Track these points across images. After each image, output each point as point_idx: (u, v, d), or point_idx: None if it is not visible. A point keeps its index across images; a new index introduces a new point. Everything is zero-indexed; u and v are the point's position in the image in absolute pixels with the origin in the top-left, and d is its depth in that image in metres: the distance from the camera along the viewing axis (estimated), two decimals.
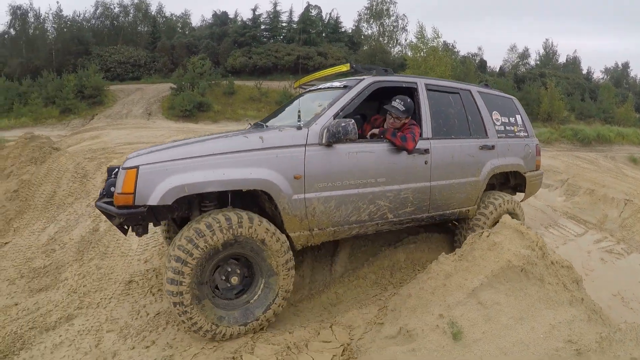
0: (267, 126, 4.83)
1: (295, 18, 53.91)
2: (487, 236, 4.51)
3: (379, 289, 5.42)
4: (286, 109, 5.81)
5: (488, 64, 58.24)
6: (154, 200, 3.69)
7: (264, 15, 52.83)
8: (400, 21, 54.03)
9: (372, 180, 4.63)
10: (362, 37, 54.74)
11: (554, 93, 38.76)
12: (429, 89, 5.45)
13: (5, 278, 6.02)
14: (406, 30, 57.59)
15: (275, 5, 52.68)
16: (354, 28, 56.53)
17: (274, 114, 5.89)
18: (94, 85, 34.81)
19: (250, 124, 5.64)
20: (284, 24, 54.09)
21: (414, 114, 5.21)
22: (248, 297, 4.23)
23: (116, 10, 54.37)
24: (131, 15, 55.32)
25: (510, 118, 6.59)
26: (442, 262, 4.55)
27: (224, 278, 4.14)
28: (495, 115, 6.25)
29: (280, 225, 4.31)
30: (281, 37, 52.58)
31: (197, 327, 3.91)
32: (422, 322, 3.90)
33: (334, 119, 4.42)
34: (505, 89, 27.42)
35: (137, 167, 3.74)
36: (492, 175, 6.01)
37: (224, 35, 49.32)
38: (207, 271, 3.97)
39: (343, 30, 56.22)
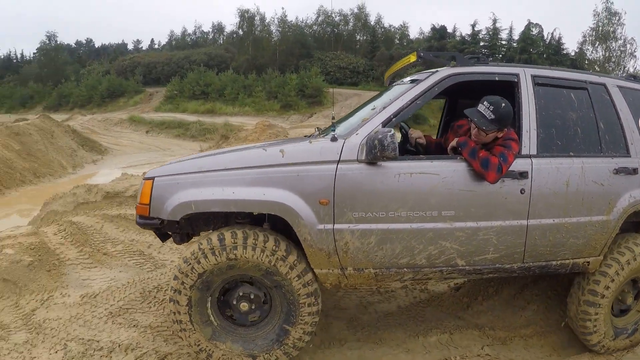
0: (333, 130, 3.77)
1: (515, 36, 50.81)
2: None
3: None
4: (362, 108, 4.43)
5: None
6: (164, 214, 3.41)
7: (483, 32, 50.77)
8: (628, 45, 47.13)
9: (434, 213, 3.39)
10: (586, 61, 48.82)
11: None
12: (538, 82, 3.82)
13: None
14: (634, 56, 50.14)
15: (494, 21, 50.11)
16: (577, 50, 50.87)
17: (351, 114, 4.54)
18: (314, 86, 36.72)
19: (317, 128, 4.67)
20: (503, 42, 51.35)
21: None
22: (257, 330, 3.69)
23: (337, 18, 55.41)
24: (351, 24, 56.16)
25: None
26: None
27: (235, 302, 3.60)
28: None
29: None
30: (500, 55, 49.66)
31: (198, 348, 3.55)
32: None
33: (383, 127, 3.33)
34: None
35: (153, 178, 3.53)
36: (632, 213, 4.03)
37: (442, 49, 47.48)
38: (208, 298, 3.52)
39: (565, 52, 51.21)
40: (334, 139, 3.37)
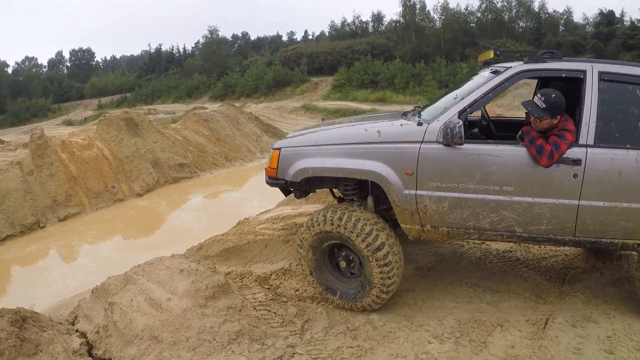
0: (420, 114, 4.43)
1: None
2: None
3: None
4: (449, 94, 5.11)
5: None
6: (288, 176, 4.52)
7: None
8: None
9: (496, 187, 4.08)
10: None
11: None
12: (605, 79, 4.13)
13: None
14: None
15: None
16: None
17: (439, 98, 5.32)
18: None
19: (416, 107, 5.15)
20: None
21: (572, 111, 4.24)
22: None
23: (499, 5, 52.81)
24: (514, 10, 53.19)
25: None
26: None
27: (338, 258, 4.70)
28: None
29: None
30: None
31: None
32: None
33: (459, 115, 4.10)
34: None
35: (280, 148, 4.64)
36: None
37: (611, 35, 43.98)
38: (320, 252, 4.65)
39: None
40: (419, 124, 4.17)
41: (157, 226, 12.31)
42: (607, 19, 46.86)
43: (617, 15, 47.70)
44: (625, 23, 45.82)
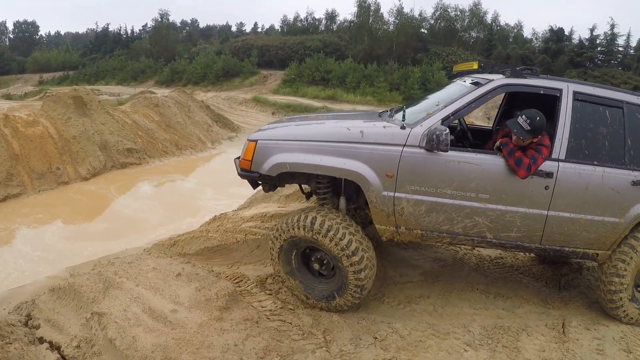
0: (404, 115, 4.45)
1: (633, 43, 47.13)
2: None
3: None
4: (429, 97, 5.55)
5: None
6: (263, 170, 4.42)
7: (601, 37, 46.60)
8: None
9: (472, 194, 4.27)
10: None
11: None
12: (579, 98, 4.49)
13: None
14: None
15: (612, 27, 45.82)
16: None
17: (420, 99, 5.77)
18: (437, 80, 35.73)
19: (392, 109, 5.53)
20: (620, 48, 47.47)
21: (549, 127, 4.49)
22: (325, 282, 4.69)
23: (452, 13, 53.96)
24: (466, 20, 54.30)
25: None
26: None
27: (312, 260, 4.67)
28: None
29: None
30: (616, 62, 46.81)
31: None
32: None
33: (442, 122, 4.21)
34: None
35: (256, 141, 4.52)
36: None
37: (559, 52, 45.66)
38: (292, 255, 4.62)
39: None
40: (403, 127, 4.22)
41: (106, 214, 11.48)
42: (557, 35, 48.19)
43: (567, 33, 49.14)
44: (573, 41, 47.33)
